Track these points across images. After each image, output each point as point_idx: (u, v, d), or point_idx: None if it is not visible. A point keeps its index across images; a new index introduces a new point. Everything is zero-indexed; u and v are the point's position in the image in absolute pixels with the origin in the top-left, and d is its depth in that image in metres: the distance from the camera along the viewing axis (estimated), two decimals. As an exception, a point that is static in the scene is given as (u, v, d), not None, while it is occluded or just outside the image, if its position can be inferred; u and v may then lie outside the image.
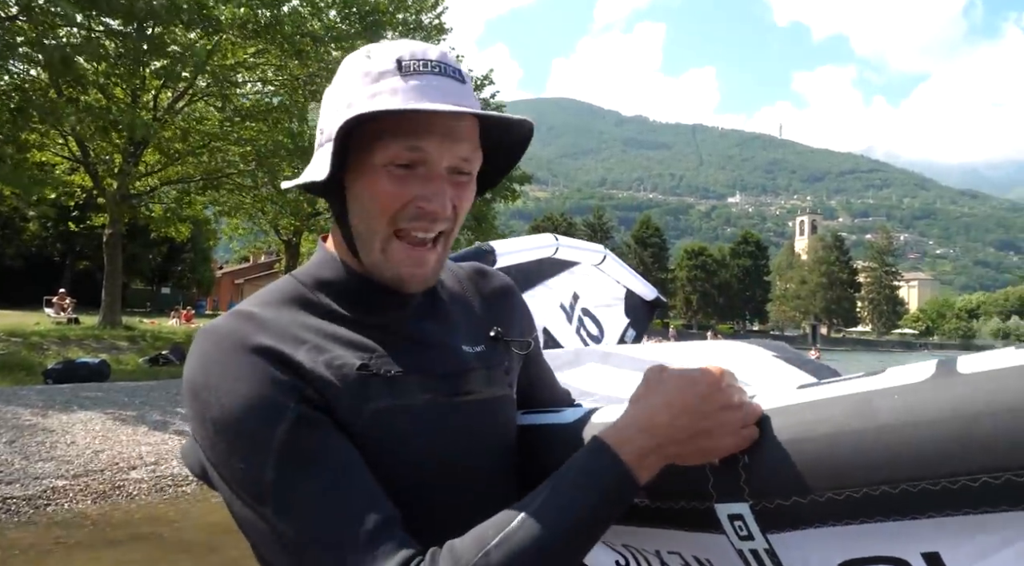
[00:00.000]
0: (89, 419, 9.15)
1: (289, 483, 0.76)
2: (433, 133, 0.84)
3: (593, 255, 3.02)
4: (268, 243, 32.98)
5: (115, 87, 17.39)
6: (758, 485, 0.76)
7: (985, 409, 0.64)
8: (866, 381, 0.75)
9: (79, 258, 36.61)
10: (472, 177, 0.90)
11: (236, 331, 0.83)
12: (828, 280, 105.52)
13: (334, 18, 19.44)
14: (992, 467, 0.63)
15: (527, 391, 1.12)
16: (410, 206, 0.85)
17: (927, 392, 0.69)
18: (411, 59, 0.87)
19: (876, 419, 0.70)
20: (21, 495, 6.65)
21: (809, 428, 0.75)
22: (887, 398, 0.71)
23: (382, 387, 0.85)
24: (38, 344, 15.04)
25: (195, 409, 0.81)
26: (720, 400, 0.78)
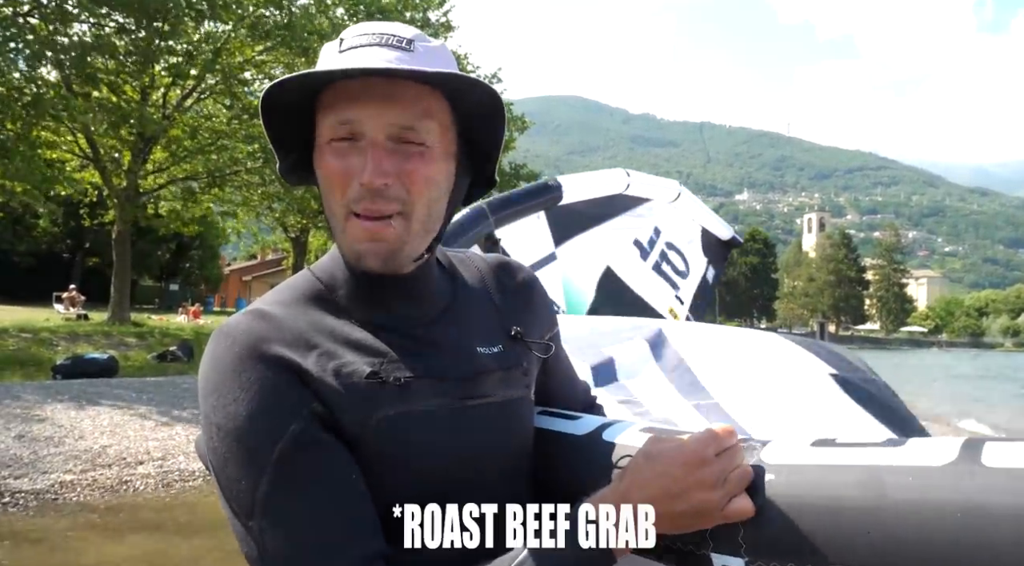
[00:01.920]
0: (97, 414, 9.20)
1: (279, 503, 0.75)
2: (366, 101, 0.82)
3: (667, 191, 2.91)
4: (275, 241, 33.07)
5: (125, 85, 17.46)
6: (755, 543, 0.74)
7: (1002, 512, 0.60)
8: (883, 453, 0.72)
9: (89, 255, 36.79)
10: (427, 148, 0.84)
11: (249, 334, 0.82)
12: (836, 278, 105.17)
13: (342, 15, 19.47)
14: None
15: (544, 386, 1.09)
16: (353, 183, 0.82)
17: (944, 479, 0.65)
18: (353, 36, 0.85)
19: (885, 498, 0.67)
20: (30, 489, 6.69)
21: (815, 494, 0.72)
22: (901, 478, 0.68)
23: (392, 394, 0.83)
24: (47, 340, 15.14)
25: (203, 409, 0.82)
26: (696, 479, 0.75)
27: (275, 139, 0.90)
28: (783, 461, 0.77)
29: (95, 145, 18.21)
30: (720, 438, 0.77)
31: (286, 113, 0.87)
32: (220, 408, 0.79)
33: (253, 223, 27.59)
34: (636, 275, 2.76)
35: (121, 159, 18.84)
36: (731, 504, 0.74)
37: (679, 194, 2.93)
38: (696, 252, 3.00)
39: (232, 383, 0.79)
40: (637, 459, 0.79)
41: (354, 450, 0.81)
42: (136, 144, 17.94)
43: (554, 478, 0.97)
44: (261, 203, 23.12)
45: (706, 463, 0.75)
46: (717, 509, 0.74)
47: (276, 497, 0.75)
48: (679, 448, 0.77)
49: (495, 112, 0.90)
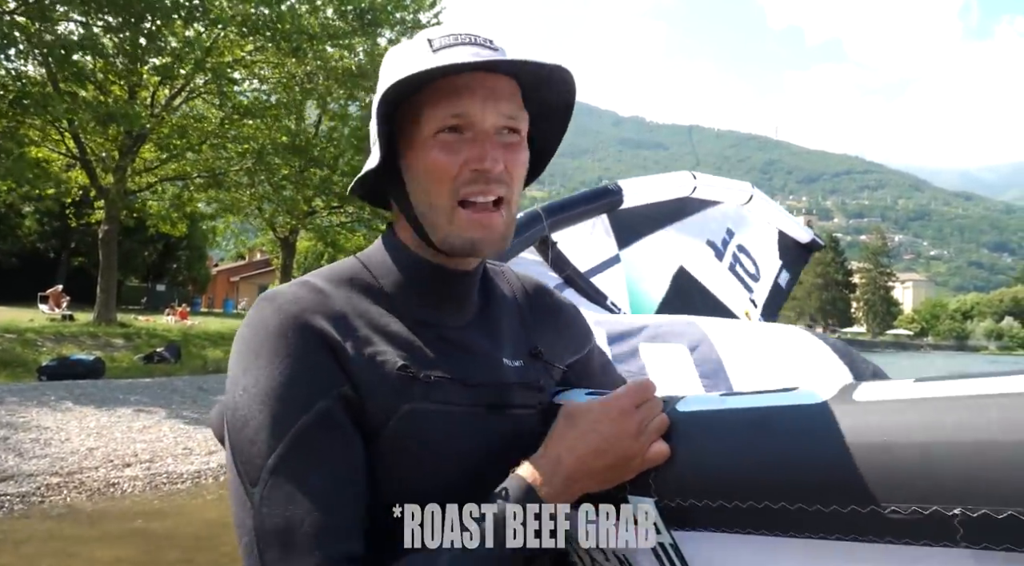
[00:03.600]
0: (84, 416, 9.13)
1: (285, 477, 0.76)
2: (474, 95, 0.86)
3: (739, 194, 2.85)
4: (263, 242, 32.90)
5: (112, 84, 17.35)
6: (664, 484, 0.81)
7: (867, 440, 0.67)
8: (775, 397, 0.79)
9: (74, 255, 36.46)
10: (522, 138, 0.91)
11: (296, 303, 0.84)
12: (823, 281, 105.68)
13: (331, 16, 19.43)
14: (868, 498, 0.65)
15: None
16: (464, 170, 0.86)
17: (819, 416, 0.72)
18: (441, 37, 0.89)
19: (771, 435, 0.75)
20: (15, 492, 6.63)
21: (715, 436, 0.80)
22: (785, 416, 0.75)
23: (420, 389, 0.85)
24: (32, 341, 14.99)
25: (233, 370, 0.83)
26: (622, 429, 0.81)
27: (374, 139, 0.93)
28: (692, 409, 0.84)
29: (82, 144, 18.08)
30: (641, 390, 0.85)
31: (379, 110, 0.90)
32: (253, 369, 0.80)
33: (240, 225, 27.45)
34: (712, 275, 2.73)
35: (109, 158, 18.70)
36: (650, 450, 0.81)
37: (751, 196, 2.87)
38: (771, 255, 2.96)
39: (271, 347, 0.80)
40: (559, 424, 0.85)
41: (374, 440, 0.83)
42: (124, 143, 17.82)
43: None
44: (250, 204, 23.02)
45: (630, 414, 0.82)
46: (639, 456, 0.81)
47: (285, 470, 0.76)
48: (602, 405, 0.84)
49: (567, 108, 0.97)
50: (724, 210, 2.81)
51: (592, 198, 2.44)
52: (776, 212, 2.99)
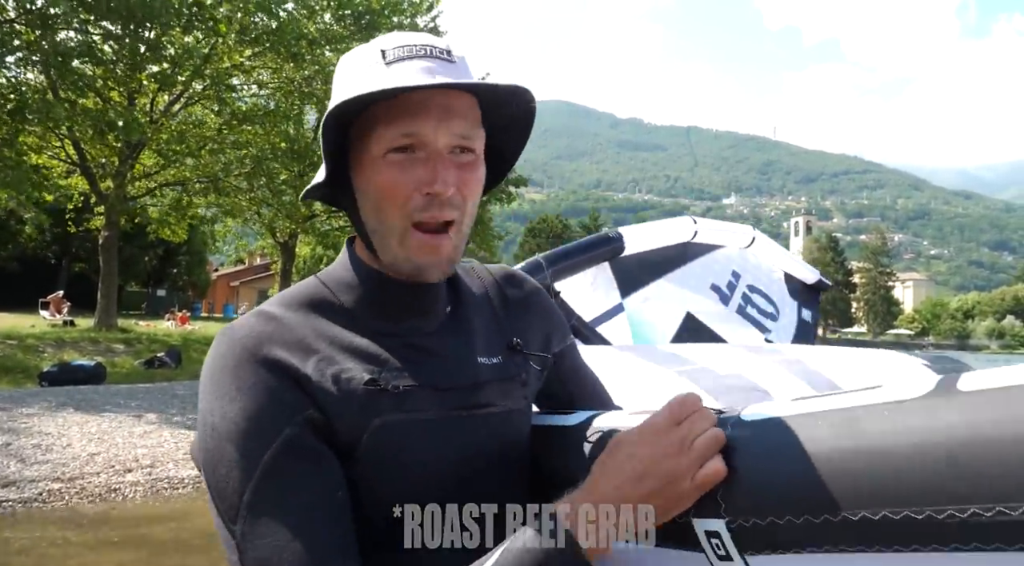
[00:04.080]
0: (85, 422, 9.14)
1: (262, 511, 0.76)
2: (427, 114, 0.83)
3: (741, 237, 2.81)
4: (263, 246, 32.91)
5: (111, 91, 17.38)
6: (734, 501, 0.72)
7: (979, 434, 0.57)
8: (858, 396, 0.68)
9: (75, 260, 36.47)
10: (477, 157, 0.88)
11: (251, 336, 0.83)
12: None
13: (329, 21, 19.47)
14: (984, 498, 0.56)
15: (567, 400, 1.09)
16: (416, 195, 0.84)
17: (919, 411, 0.62)
18: (394, 47, 0.87)
19: (861, 439, 0.64)
20: (17, 498, 6.65)
21: (788, 445, 0.69)
22: (875, 415, 0.65)
23: (390, 401, 0.84)
24: (34, 346, 15.00)
25: (201, 408, 0.83)
26: (660, 450, 0.74)
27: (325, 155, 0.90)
28: (759, 417, 0.75)
29: (82, 150, 18.11)
30: (679, 406, 0.77)
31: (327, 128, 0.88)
32: (217, 408, 0.80)
33: (240, 229, 27.47)
34: (720, 320, 2.65)
35: (109, 164, 18.73)
36: (703, 469, 0.72)
37: (753, 239, 2.82)
38: (783, 295, 2.88)
39: (230, 384, 0.80)
40: (602, 455, 0.78)
41: (349, 457, 0.82)
42: (123, 149, 17.84)
43: (549, 471, 0.97)
44: (249, 208, 23.04)
45: (665, 432, 0.74)
46: (687, 477, 0.72)
47: (262, 503, 0.76)
48: (638, 428, 0.77)
49: (527, 122, 0.95)
50: (727, 254, 2.78)
51: (593, 246, 2.42)
52: (780, 254, 2.95)
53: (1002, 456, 0.55)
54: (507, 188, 24.83)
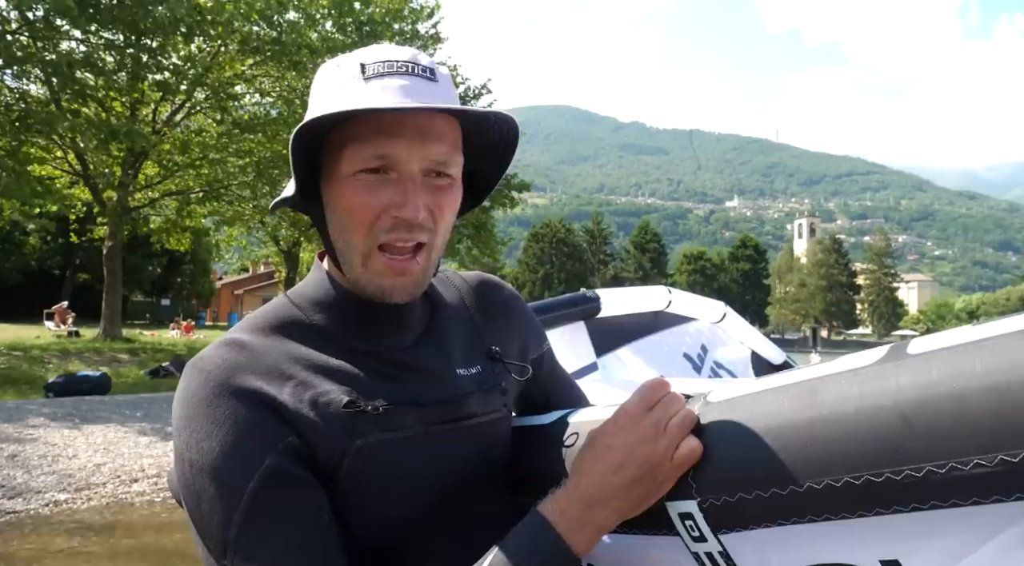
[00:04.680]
0: (91, 432, 9.16)
1: (251, 542, 0.74)
2: (402, 135, 0.80)
3: (712, 312, 2.85)
4: (267, 254, 33.00)
5: (114, 101, 17.45)
6: (704, 481, 0.73)
7: (929, 393, 0.59)
8: (815, 369, 0.70)
9: (79, 271, 36.60)
10: (453, 180, 0.85)
11: (223, 367, 0.81)
12: (827, 283, 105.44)
13: (330, 29, 19.53)
14: (937, 456, 0.57)
15: (544, 403, 1.10)
16: (384, 216, 0.82)
17: (873, 377, 0.64)
18: (375, 62, 0.83)
19: (820, 408, 0.65)
20: (24, 508, 6.65)
21: (753, 420, 0.71)
22: (832, 385, 0.66)
23: (370, 422, 0.82)
24: (39, 358, 15.04)
25: (176, 444, 0.80)
26: (635, 437, 0.74)
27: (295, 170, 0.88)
28: (724, 397, 0.76)
29: (84, 161, 18.17)
30: (649, 390, 0.77)
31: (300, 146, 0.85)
32: (193, 444, 0.77)
33: (244, 237, 27.54)
34: (694, 387, 2.72)
35: (111, 174, 18.79)
36: (679, 450, 0.72)
37: (724, 315, 2.85)
38: (747, 374, 2.88)
39: (205, 418, 0.78)
40: (581, 451, 0.79)
41: (333, 480, 0.80)
42: (126, 159, 17.90)
43: (528, 471, 0.98)
44: (253, 217, 23.10)
45: (640, 417, 0.75)
46: (665, 460, 0.72)
47: (248, 536, 0.74)
48: (612, 418, 0.77)
49: (509, 149, 0.92)
50: (698, 326, 2.80)
51: (572, 303, 2.45)
52: (748, 332, 2.96)
53: (951, 413, 0.57)
54: (510, 193, 24.84)
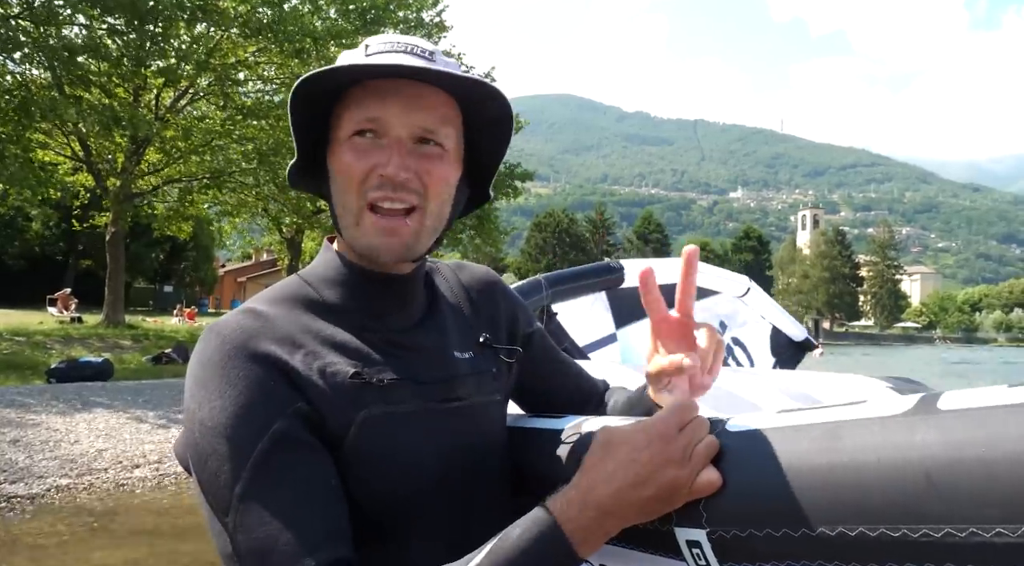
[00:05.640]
0: (93, 418, 9.18)
1: (256, 500, 0.76)
2: (392, 101, 0.86)
3: (735, 286, 2.84)
4: (270, 242, 33.01)
5: (117, 87, 17.41)
6: (715, 512, 0.72)
7: (957, 454, 0.57)
8: (840, 411, 0.69)
9: (82, 257, 36.66)
10: (444, 151, 0.90)
11: (240, 331, 0.84)
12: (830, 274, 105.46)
13: (334, 16, 19.44)
14: (958, 519, 0.56)
15: (542, 388, 1.13)
16: (372, 175, 0.86)
17: (899, 428, 0.62)
18: (379, 42, 0.90)
19: (839, 454, 0.64)
20: (25, 494, 6.67)
21: (771, 456, 0.69)
22: (856, 431, 0.65)
23: (374, 394, 0.85)
24: (41, 343, 15.08)
25: (188, 406, 0.82)
26: (664, 458, 0.73)
27: (296, 135, 0.93)
28: (745, 428, 0.75)
29: (88, 147, 18.15)
30: (681, 411, 0.76)
31: (303, 111, 0.90)
32: (206, 403, 0.80)
33: (246, 225, 27.53)
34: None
35: (115, 161, 18.78)
36: (699, 478, 0.72)
37: (748, 289, 2.85)
38: (763, 351, 2.87)
39: (219, 379, 0.80)
40: (595, 451, 0.77)
41: (337, 449, 0.82)
42: (129, 146, 17.89)
43: (538, 475, 0.98)
44: (256, 204, 23.08)
45: (672, 439, 0.73)
46: (686, 486, 0.72)
47: (253, 494, 0.76)
48: (642, 429, 0.75)
49: (504, 127, 0.96)
50: (719, 300, 2.79)
51: (595, 273, 2.45)
52: (771, 308, 2.95)
53: (978, 477, 0.55)
54: (513, 183, 24.79)
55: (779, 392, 1.77)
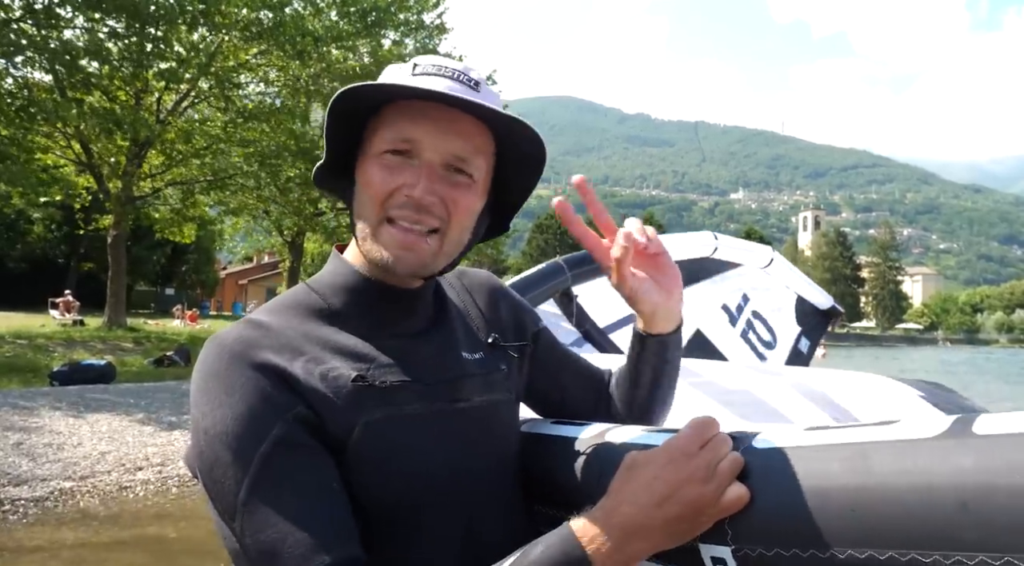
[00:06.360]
0: (95, 421, 9.17)
1: (259, 504, 0.77)
2: (429, 125, 0.86)
3: (759, 257, 2.85)
4: (272, 244, 33.01)
5: (118, 90, 17.43)
6: (741, 530, 0.71)
7: (993, 481, 0.56)
8: (872, 430, 0.68)
9: (83, 260, 36.65)
10: (473, 182, 0.90)
11: (240, 341, 0.84)
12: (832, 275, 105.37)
13: (335, 18, 19.44)
14: (993, 547, 0.55)
15: (551, 385, 1.13)
16: (398, 194, 0.87)
17: (932, 452, 0.61)
18: (428, 63, 0.90)
19: (870, 476, 0.63)
20: (29, 497, 6.67)
21: (799, 475, 0.69)
22: (887, 453, 0.64)
23: (378, 398, 0.85)
24: (44, 346, 15.08)
25: (193, 414, 0.83)
26: (686, 475, 0.73)
27: (329, 139, 0.93)
28: (771, 445, 0.74)
29: (89, 150, 18.17)
30: (701, 428, 0.76)
31: (338, 119, 0.90)
32: (208, 412, 0.80)
33: (248, 227, 27.56)
34: (726, 340, 2.68)
35: (116, 163, 18.79)
36: (725, 495, 0.72)
37: (772, 260, 2.86)
38: (788, 321, 2.88)
39: (219, 388, 0.81)
40: (619, 475, 0.77)
41: (341, 454, 0.83)
42: (130, 149, 17.90)
43: (540, 478, 0.99)
44: (257, 207, 23.07)
45: (693, 456, 0.73)
46: (712, 504, 0.72)
47: (258, 498, 0.77)
48: (663, 449, 0.76)
49: (535, 166, 0.96)
50: (742, 272, 2.79)
51: None
52: (795, 277, 2.96)
53: (1015, 505, 0.54)
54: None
55: (797, 392, 1.75)
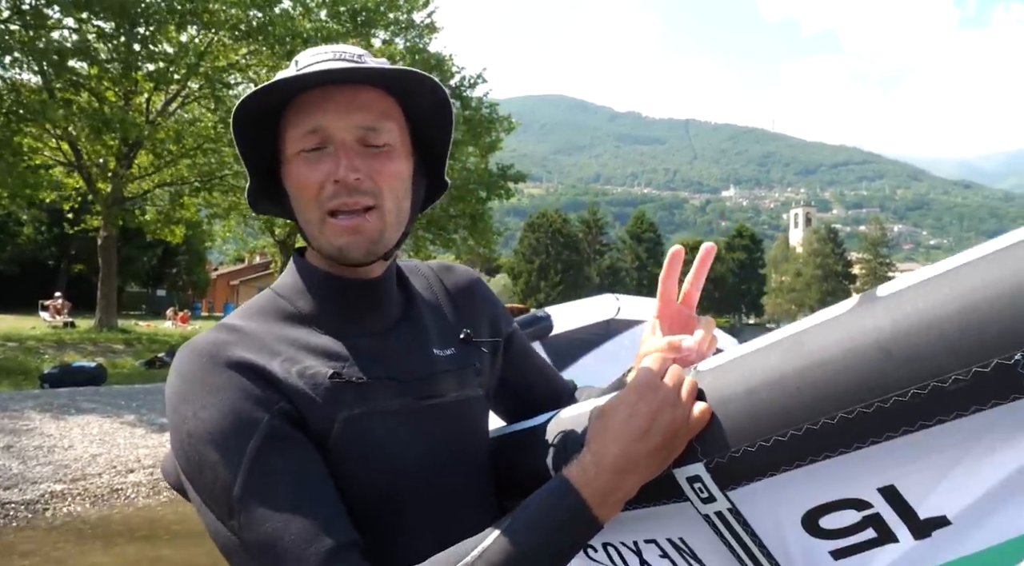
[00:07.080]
0: (86, 423, 9.14)
1: (255, 498, 0.77)
2: (329, 108, 0.87)
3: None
4: (263, 245, 32.87)
5: (107, 90, 17.33)
6: (708, 443, 0.77)
7: (904, 325, 0.64)
8: (795, 325, 0.76)
9: (74, 262, 36.44)
10: (391, 147, 0.90)
11: (215, 345, 0.85)
12: (823, 272, 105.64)
13: (324, 18, 19.40)
14: (918, 378, 0.63)
15: (521, 386, 1.16)
16: (327, 185, 0.87)
17: (851, 320, 0.69)
18: (308, 55, 0.92)
19: (808, 356, 0.71)
20: (19, 500, 6.64)
21: (746, 378, 0.76)
22: (816, 334, 0.72)
23: (354, 394, 0.87)
24: (34, 348, 15.00)
25: (173, 422, 0.83)
26: (659, 404, 0.78)
27: (245, 158, 0.94)
28: (715, 364, 0.81)
29: (78, 151, 18.07)
30: (657, 363, 0.84)
31: (250, 135, 0.91)
32: (190, 416, 0.80)
33: (240, 228, 27.43)
34: None
35: (106, 164, 18.69)
36: (692, 415, 0.78)
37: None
38: None
39: (200, 390, 0.81)
40: (593, 425, 0.82)
41: (322, 450, 0.84)
42: (120, 149, 17.81)
43: (513, 475, 1.02)
44: (248, 207, 22.94)
45: (659, 387, 0.80)
46: (684, 424, 0.78)
47: (253, 492, 0.77)
48: (630, 389, 0.81)
49: (443, 110, 0.96)
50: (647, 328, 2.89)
51: (526, 324, 2.52)
52: None
53: (925, 338, 0.63)
54: (506, 184, 24.76)
55: None
